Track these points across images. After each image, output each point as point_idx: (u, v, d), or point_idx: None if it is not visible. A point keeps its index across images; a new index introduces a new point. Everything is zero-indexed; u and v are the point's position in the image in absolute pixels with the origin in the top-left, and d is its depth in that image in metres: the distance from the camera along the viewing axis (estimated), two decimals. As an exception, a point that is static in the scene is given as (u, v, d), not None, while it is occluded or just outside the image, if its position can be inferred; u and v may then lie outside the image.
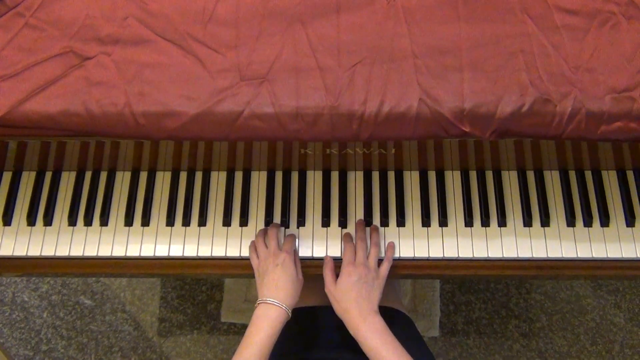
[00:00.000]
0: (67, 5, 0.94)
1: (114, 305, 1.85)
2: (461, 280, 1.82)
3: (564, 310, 1.81)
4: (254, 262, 1.04)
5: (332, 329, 1.10)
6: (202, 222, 1.09)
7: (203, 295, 1.85)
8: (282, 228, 1.09)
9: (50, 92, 0.88)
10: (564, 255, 1.07)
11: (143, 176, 1.13)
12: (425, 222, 1.09)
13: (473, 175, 1.12)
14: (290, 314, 0.96)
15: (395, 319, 1.13)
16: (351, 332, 0.94)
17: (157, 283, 1.87)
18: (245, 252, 1.08)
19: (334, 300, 0.98)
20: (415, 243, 1.08)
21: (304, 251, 1.08)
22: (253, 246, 1.07)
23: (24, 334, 1.82)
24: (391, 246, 1.07)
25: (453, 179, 1.12)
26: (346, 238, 1.07)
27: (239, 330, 1.81)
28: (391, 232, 1.08)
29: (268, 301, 0.95)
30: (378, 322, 0.93)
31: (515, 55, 0.89)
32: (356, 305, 0.94)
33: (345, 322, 0.95)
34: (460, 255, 1.07)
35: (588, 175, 1.11)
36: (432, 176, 1.12)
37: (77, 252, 1.08)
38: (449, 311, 1.81)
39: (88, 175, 1.13)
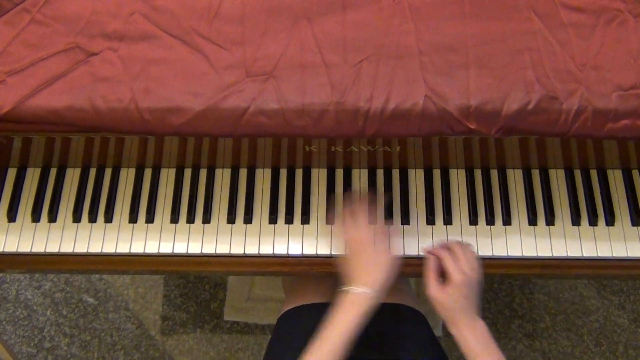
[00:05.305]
0: (73, 1, 0.94)
1: (117, 303, 1.85)
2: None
3: (567, 311, 1.80)
4: (345, 236, 1.01)
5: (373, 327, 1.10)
6: (207, 219, 1.09)
7: (206, 294, 1.85)
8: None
9: (56, 87, 0.88)
10: (569, 254, 1.06)
11: (147, 173, 1.13)
12: (430, 220, 1.09)
13: (478, 173, 1.12)
14: (379, 298, 0.93)
15: (410, 317, 1.12)
16: (453, 333, 0.94)
17: (160, 281, 1.87)
18: (249, 250, 1.08)
19: (438, 305, 0.95)
20: (419, 241, 1.07)
21: (308, 249, 1.08)
22: (340, 218, 1.03)
23: (27, 332, 1.82)
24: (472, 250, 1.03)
25: (458, 178, 1.12)
26: (439, 247, 1.01)
27: (242, 328, 1.81)
28: (396, 230, 1.08)
29: (355, 291, 0.92)
30: (482, 327, 0.93)
31: (521, 53, 0.89)
32: (463, 312, 0.94)
33: (448, 324, 0.94)
34: (465, 254, 1.06)
35: (593, 174, 1.11)
36: (436, 174, 1.12)
37: (81, 248, 1.08)
38: (452, 311, 1.81)
39: (93, 171, 1.13)
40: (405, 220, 1.09)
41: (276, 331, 1.14)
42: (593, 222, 1.08)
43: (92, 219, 1.10)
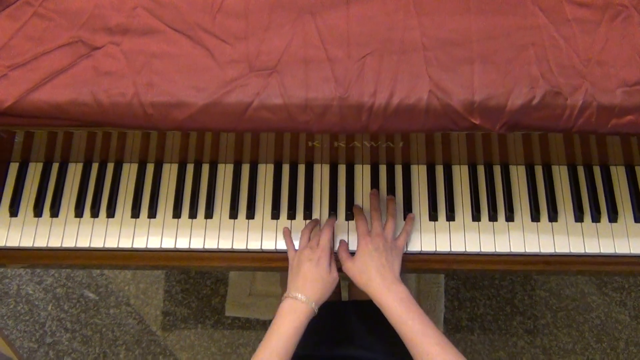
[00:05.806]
0: (76, -6, 0.94)
1: (118, 298, 1.85)
2: (467, 275, 1.82)
3: (568, 307, 1.81)
4: (290, 253, 1.04)
5: (345, 324, 1.10)
6: (209, 215, 1.09)
7: (207, 289, 1.85)
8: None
9: (59, 81, 0.88)
10: (571, 251, 1.06)
11: (150, 168, 1.13)
12: (433, 216, 1.08)
13: (481, 169, 1.11)
14: (316, 311, 0.95)
15: (377, 310, 1.12)
16: (376, 302, 0.94)
17: (162, 277, 1.87)
18: (251, 245, 1.08)
19: (354, 275, 0.98)
20: (422, 237, 1.07)
21: (311, 244, 1.08)
22: (288, 235, 1.06)
23: (29, 327, 1.82)
24: (410, 218, 1.07)
25: (461, 173, 1.12)
26: (357, 210, 1.07)
27: (243, 324, 1.81)
28: (398, 226, 1.08)
29: (294, 297, 0.95)
30: (403, 291, 0.93)
31: (526, 48, 0.88)
32: (378, 275, 0.95)
33: (370, 293, 0.95)
34: (468, 250, 1.06)
35: (596, 170, 1.11)
36: (439, 170, 1.12)
37: (83, 243, 1.08)
38: (453, 307, 1.81)
39: (95, 166, 1.13)
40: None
41: None
42: (596, 218, 1.07)
43: (94, 214, 1.10)
